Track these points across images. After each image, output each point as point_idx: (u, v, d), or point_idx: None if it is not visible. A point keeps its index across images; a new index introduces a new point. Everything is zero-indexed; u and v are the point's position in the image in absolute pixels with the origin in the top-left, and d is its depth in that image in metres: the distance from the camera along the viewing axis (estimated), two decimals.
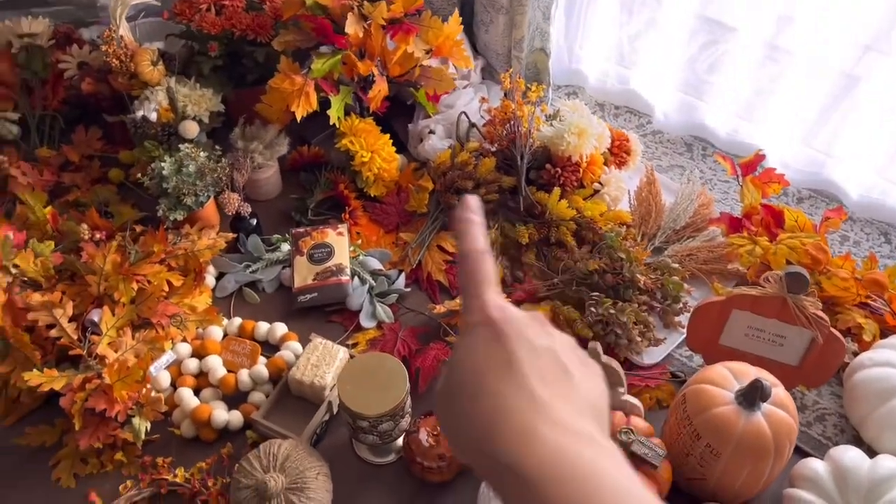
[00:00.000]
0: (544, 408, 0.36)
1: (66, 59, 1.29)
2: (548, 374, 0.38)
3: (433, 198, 1.20)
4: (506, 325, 0.39)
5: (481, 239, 0.43)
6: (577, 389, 0.39)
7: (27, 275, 1.01)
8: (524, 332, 0.39)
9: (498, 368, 0.38)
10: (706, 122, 1.33)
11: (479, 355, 0.39)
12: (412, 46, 1.15)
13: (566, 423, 0.36)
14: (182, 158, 1.11)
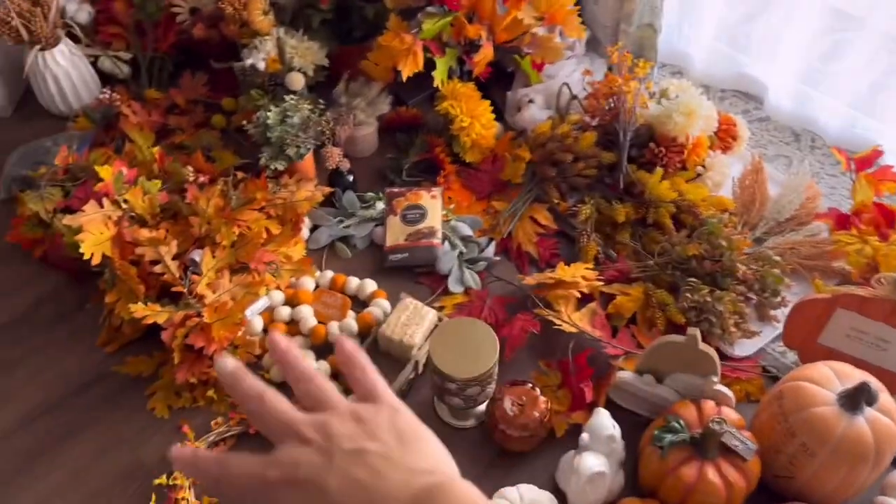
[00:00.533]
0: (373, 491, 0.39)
1: (178, 2, 1.31)
2: (358, 474, 0.39)
3: (529, 168, 1.19)
4: (291, 476, 0.40)
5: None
6: (390, 455, 0.40)
7: (135, 210, 1.04)
8: (309, 465, 0.40)
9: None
10: (819, 113, 1.28)
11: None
12: (523, 13, 1.13)
13: (403, 498, 0.38)
14: (287, 109, 1.12)
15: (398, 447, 0.41)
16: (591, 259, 1.08)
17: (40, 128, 1.28)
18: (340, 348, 0.48)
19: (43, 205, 1.08)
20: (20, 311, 1.06)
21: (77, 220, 0.99)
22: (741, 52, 1.35)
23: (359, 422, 0.42)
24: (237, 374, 0.45)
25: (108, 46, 1.33)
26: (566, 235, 1.15)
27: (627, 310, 1.02)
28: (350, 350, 0.48)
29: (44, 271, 1.10)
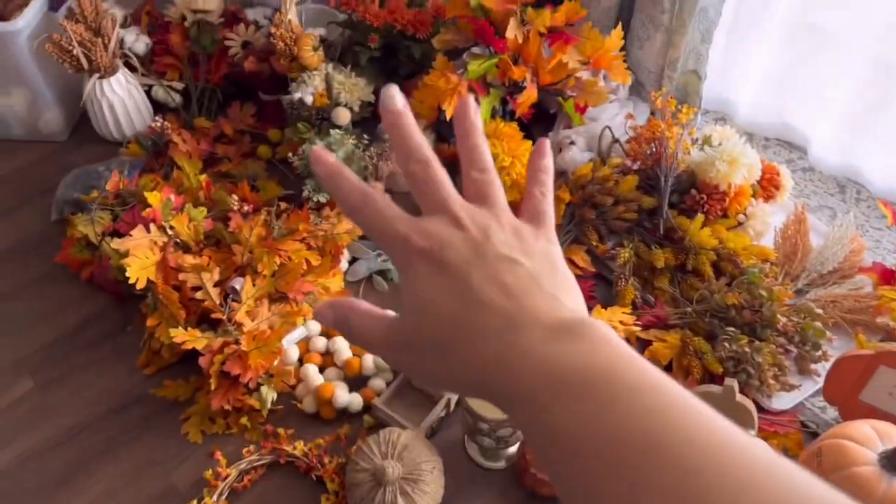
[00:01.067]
0: (518, 315, 0.34)
1: (231, 37, 1.36)
2: (506, 280, 0.35)
3: (568, 210, 1.19)
4: (441, 251, 0.36)
5: (359, 183, 0.39)
6: (540, 278, 0.36)
7: (180, 237, 1.07)
8: (460, 249, 0.36)
9: (453, 298, 0.35)
10: (864, 165, 1.26)
11: (428, 294, 0.36)
12: (568, 56, 1.15)
13: (543, 322, 0.34)
14: (331, 143, 1.15)
15: (550, 276, 0.36)
16: (628, 303, 1.08)
17: (93, 152, 1.32)
18: (540, 148, 0.44)
19: (93, 228, 1.11)
20: (66, 331, 1.08)
21: (124, 244, 1.01)
22: (786, 101, 1.34)
23: (518, 236, 0.38)
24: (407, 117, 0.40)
25: (163, 76, 1.37)
26: (604, 278, 1.14)
27: (664, 356, 1.01)
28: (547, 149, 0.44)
29: (90, 292, 1.13)
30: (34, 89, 1.26)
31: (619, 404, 0.31)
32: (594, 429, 0.31)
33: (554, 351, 0.33)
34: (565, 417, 0.31)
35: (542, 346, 0.33)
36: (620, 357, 0.33)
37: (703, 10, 1.24)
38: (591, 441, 0.31)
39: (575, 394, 0.32)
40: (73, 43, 1.19)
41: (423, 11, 1.22)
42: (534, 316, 0.34)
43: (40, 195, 1.26)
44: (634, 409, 0.31)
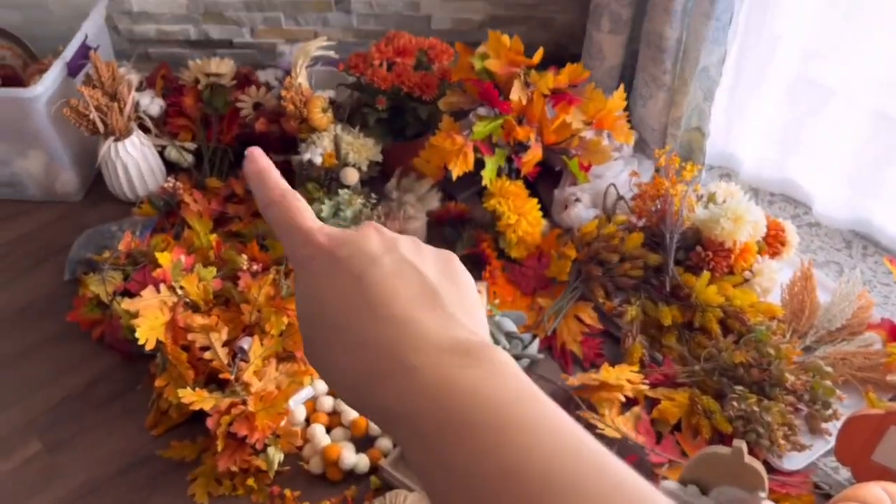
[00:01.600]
0: (409, 328, 0.31)
1: (243, 98, 1.39)
2: (401, 286, 0.33)
3: (574, 266, 1.19)
4: (341, 249, 0.34)
5: (281, 179, 0.38)
6: (440, 291, 0.33)
7: (189, 296, 1.08)
8: (364, 249, 0.34)
9: (344, 298, 0.33)
10: (871, 219, 1.27)
11: (325, 292, 0.34)
12: (572, 117, 1.17)
13: (439, 340, 0.31)
14: (340, 203, 1.16)
15: (451, 289, 0.34)
16: (636, 361, 1.08)
17: (107, 212, 1.35)
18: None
19: (104, 287, 1.12)
20: (76, 390, 1.09)
21: (135, 304, 1.03)
22: (789, 157, 1.36)
23: (417, 246, 0.36)
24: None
25: (176, 137, 1.41)
26: (611, 335, 1.14)
27: (672, 416, 1.01)
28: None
29: (100, 351, 1.13)
30: (51, 152, 1.30)
31: (504, 446, 0.28)
32: (473, 468, 0.28)
33: (442, 374, 0.30)
34: (445, 449, 0.29)
35: (430, 366, 0.30)
36: (517, 390, 0.30)
37: (704, 70, 1.26)
38: (469, 479, 0.28)
39: (458, 425, 0.29)
40: (89, 108, 1.22)
41: (429, 74, 1.25)
42: (428, 332, 0.32)
43: (55, 255, 1.28)
44: (519, 448, 0.28)
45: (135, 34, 1.57)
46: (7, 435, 1.04)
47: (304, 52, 1.26)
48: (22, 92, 1.20)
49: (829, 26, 1.21)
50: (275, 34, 1.57)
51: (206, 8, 1.53)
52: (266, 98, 1.40)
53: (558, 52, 1.56)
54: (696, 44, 1.21)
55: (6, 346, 1.15)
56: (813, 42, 1.24)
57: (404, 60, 1.27)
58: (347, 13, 1.52)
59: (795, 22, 1.22)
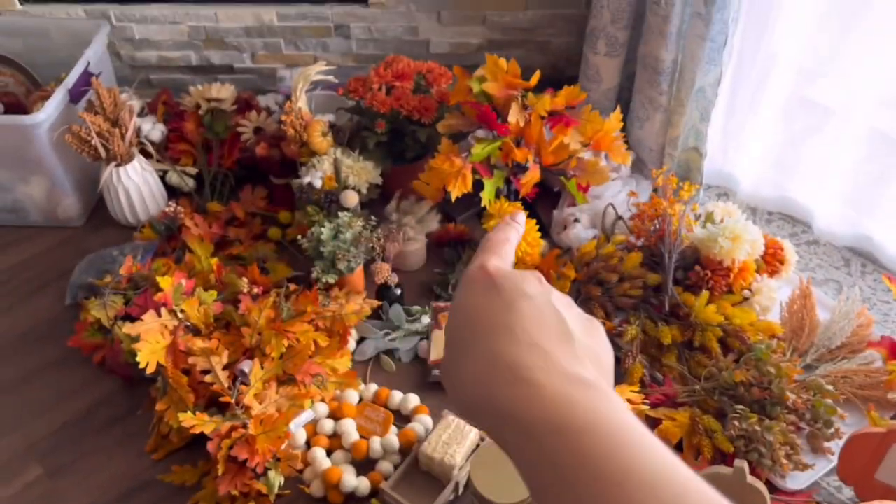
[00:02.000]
0: (542, 355, 0.35)
1: (244, 123, 1.40)
2: (546, 323, 0.37)
3: (574, 287, 1.20)
4: (502, 279, 0.39)
5: (513, 236, 0.45)
6: (577, 339, 0.37)
7: (190, 320, 1.09)
8: (521, 285, 0.39)
9: (494, 316, 0.38)
10: (869, 237, 1.27)
11: (476, 304, 0.39)
12: (569, 138, 1.18)
13: (566, 371, 0.35)
14: (340, 225, 1.17)
15: (588, 342, 0.39)
16: (636, 381, 1.08)
17: (108, 237, 1.35)
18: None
19: (105, 312, 1.13)
20: (77, 415, 1.09)
21: (136, 328, 1.03)
22: (787, 176, 1.37)
23: (569, 303, 0.41)
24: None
25: (177, 162, 1.42)
26: None
27: (674, 435, 1.00)
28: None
29: (101, 376, 1.14)
30: (53, 177, 1.31)
31: (612, 457, 0.32)
32: (580, 470, 0.32)
33: (565, 392, 0.34)
34: (559, 451, 0.32)
35: (555, 385, 0.34)
36: (628, 418, 0.34)
37: (701, 90, 1.28)
38: (576, 479, 0.32)
39: (574, 434, 0.33)
40: (91, 133, 1.23)
41: (428, 98, 1.27)
42: (557, 361, 0.36)
43: (56, 280, 1.28)
44: (628, 461, 0.32)
45: (136, 60, 1.59)
46: (8, 460, 1.04)
47: (303, 76, 1.27)
48: (24, 119, 1.21)
49: (825, 45, 1.23)
50: (275, 59, 1.59)
51: (208, 34, 1.55)
52: (266, 122, 1.41)
53: (555, 74, 1.59)
54: (691, 65, 1.22)
55: (7, 372, 1.15)
56: (809, 61, 1.26)
57: (403, 84, 1.28)
58: (347, 38, 1.54)
59: (791, 41, 1.24)
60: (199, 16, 1.51)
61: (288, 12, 1.50)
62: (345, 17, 1.51)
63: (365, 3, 1.50)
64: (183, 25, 1.53)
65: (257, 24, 1.52)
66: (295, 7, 1.50)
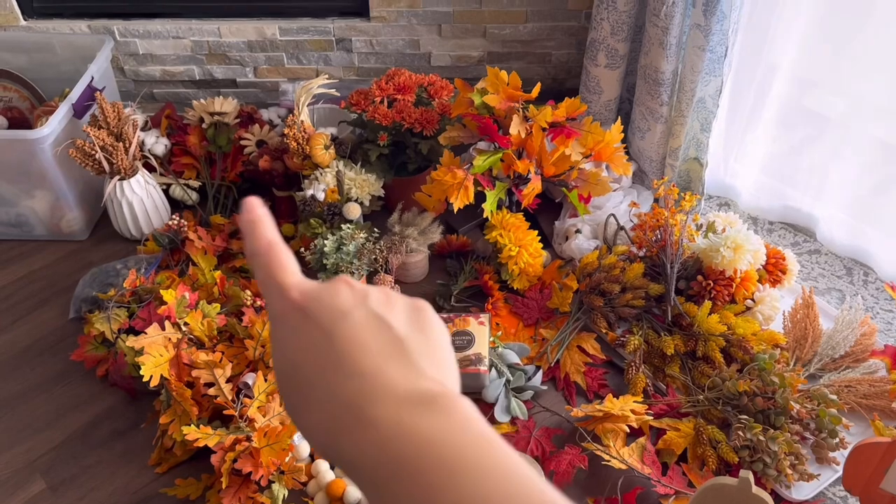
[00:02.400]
0: (374, 384, 0.33)
1: (247, 136, 1.41)
2: (370, 341, 0.34)
3: (576, 297, 1.20)
4: (312, 305, 0.35)
5: (271, 231, 0.38)
6: (407, 342, 0.35)
7: (194, 333, 1.09)
8: (334, 304, 0.35)
9: (317, 353, 0.34)
10: (870, 247, 1.27)
11: (295, 350, 0.35)
12: (570, 149, 1.18)
13: (401, 394, 0.32)
14: (343, 238, 1.17)
15: (419, 339, 0.36)
16: (640, 391, 1.07)
17: (112, 250, 1.36)
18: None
19: (109, 325, 1.13)
20: (79, 429, 1.09)
21: (139, 342, 1.03)
22: (787, 185, 1.37)
23: (388, 298, 0.37)
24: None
25: (180, 175, 1.42)
26: (614, 365, 1.14)
27: (678, 446, 1.00)
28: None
29: (103, 389, 1.14)
30: (57, 191, 1.31)
31: (457, 488, 0.29)
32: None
33: (400, 424, 0.31)
34: (398, 495, 0.30)
35: (388, 417, 0.32)
36: (474, 436, 0.31)
37: (701, 101, 1.28)
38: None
39: (412, 471, 0.30)
40: (95, 148, 1.24)
41: (430, 110, 1.27)
42: (391, 384, 0.33)
43: (60, 293, 1.29)
44: (473, 491, 0.29)
45: (140, 75, 1.60)
46: (11, 474, 1.03)
47: (306, 90, 1.28)
48: (28, 133, 1.21)
49: (825, 55, 1.23)
50: (277, 73, 1.60)
51: (211, 49, 1.56)
52: (269, 136, 1.42)
53: (555, 86, 1.59)
54: (691, 76, 1.23)
55: (11, 386, 1.15)
56: (808, 71, 1.26)
57: (405, 97, 1.29)
58: (349, 52, 1.55)
59: (790, 52, 1.24)
60: (202, 30, 1.52)
61: (290, 26, 1.51)
62: (346, 31, 1.52)
63: (367, 16, 1.51)
64: (186, 40, 1.54)
65: (260, 38, 1.53)
66: (297, 21, 1.51)
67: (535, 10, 1.48)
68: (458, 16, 1.49)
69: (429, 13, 1.49)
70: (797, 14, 1.20)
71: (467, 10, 1.48)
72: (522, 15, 1.49)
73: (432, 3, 1.47)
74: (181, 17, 1.53)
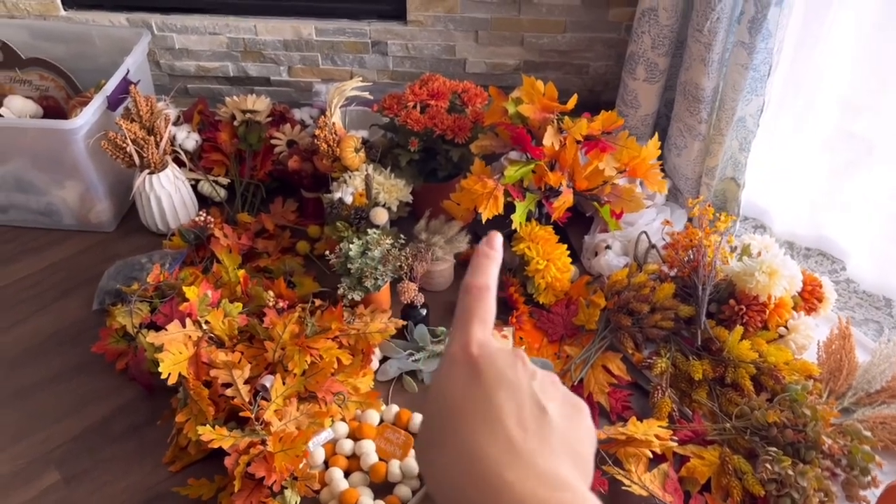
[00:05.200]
0: (518, 455, 0.35)
1: (278, 136, 1.41)
2: (526, 418, 0.37)
3: (603, 315, 1.17)
4: (485, 365, 0.38)
5: (492, 277, 0.42)
6: (556, 432, 0.37)
7: (214, 332, 1.08)
8: (504, 372, 0.38)
9: (473, 411, 0.37)
10: None
11: (455, 396, 0.38)
12: (604, 164, 1.16)
13: (540, 471, 0.35)
14: (369, 243, 1.16)
15: (567, 433, 0.38)
16: (664, 416, 1.04)
17: (138, 244, 1.36)
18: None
19: (130, 319, 1.13)
20: (95, 422, 1.09)
21: (160, 338, 1.02)
22: (824, 213, 1.33)
23: (554, 387, 0.40)
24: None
25: (209, 171, 1.42)
26: (639, 388, 1.12)
27: (702, 475, 0.97)
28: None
29: (122, 384, 1.13)
30: (87, 182, 1.32)
31: None
32: None
33: (535, 497, 0.33)
34: None
35: (526, 489, 0.34)
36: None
37: (741, 120, 1.25)
38: None
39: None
40: (126, 140, 1.24)
41: (463, 118, 1.26)
42: (532, 459, 0.35)
43: (85, 284, 1.29)
44: None
45: (175, 69, 1.60)
46: (27, 464, 1.03)
47: (339, 92, 1.27)
48: (63, 124, 1.22)
49: (872, 79, 1.20)
50: (311, 73, 1.59)
51: (246, 46, 1.56)
52: (300, 136, 1.41)
53: (591, 98, 1.57)
54: (733, 94, 1.20)
55: (32, 374, 1.15)
56: (854, 95, 1.22)
57: (438, 103, 1.27)
58: (384, 55, 1.54)
59: (836, 74, 1.21)
60: (238, 28, 1.52)
61: (326, 27, 1.51)
62: (383, 34, 1.51)
63: (404, 20, 1.50)
64: (222, 37, 1.54)
65: (296, 37, 1.53)
66: (334, 22, 1.51)
67: (575, 21, 1.46)
68: (496, 23, 1.48)
69: (466, 19, 1.47)
70: (845, 36, 1.16)
71: (505, 18, 1.47)
72: (561, 24, 1.47)
73: (470, 8, 1.46)
74: (218, 13, 1.53)
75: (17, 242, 1.38)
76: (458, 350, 0.39)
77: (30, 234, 1.39)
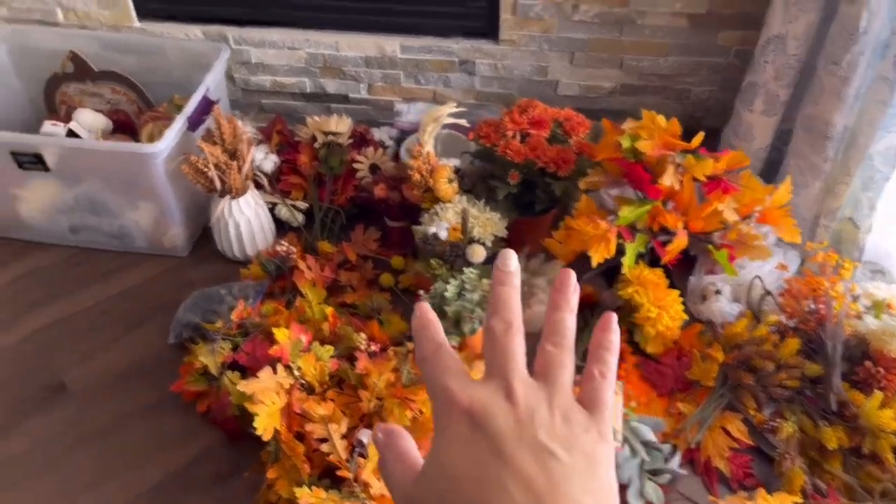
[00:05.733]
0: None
1: (360, 159, 1.33)
2: (534, 472, 0.33)
3: (721, 371, 1.08)
4: (478, 412, 0.35)
5: (439, 335, 0.39)
6: (570, 476, 0.33)
7: (305, 378, 1.01)
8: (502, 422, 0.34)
9: (480, 470, 0.33)
10: None
11: (455, 457, 0.34)
12: (724, 206, 1.06)
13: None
14: (465, 283, 1.08)
15: (584, 479, 0.34)
16: (796, 490, 0.95)
17: (212, 270, 1.29)
18: (605, 322, 0.41)
19: (213, 358, 1.06)
20: (177, 469, 1.02)
21: (251, 386, 0.95)
22: None
23: (567, 423, 0.35)
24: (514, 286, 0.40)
25: (287, 195, 1.35)
26: (761, 452, 1.02)
27: None
28: (613, 324, 0.41)
29: (202, 426, 1.07)
30: (163, 205, 1.25)
31: None
32: None
33: None
34: None
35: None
36: None
37: (869, 158, 1.15)
38: None
39: None
40: (208, 165, 1.17)
41: (567, 149, 1.17)
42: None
43: (158, 313, 1.22)
44: None
45: (250, 84, 1.54)
46: None
47: (433, 118, 1.19)
48: (144, 147, 1.15)
49: None
50: (392, 92, 1.51)
51: (326, 62, 1.48)
52: (382, 160, 1.33)
53: (691, 124, 1.47)
54: (868, 130, 1.10)
55: (106, 413, 1.09)
56: None
57: (539, 132, 1.18)
58: (470, 75, 1.46)
59: None
60: (319, 43, 1.45)
61: (412, 44, 1.43)
62: (471, 53, 1.43)
63: (495, 38, 1.41)
64: (301, 52, 1.47)
65: (379, 54, 1.45)
66: (420, 39, 1.42)
67: (680, 44, 1.36)
68: (594, 44, 1.38)
69: (562, 39, 1.38)
70: None
71: (605, 39, 1.37)
72: (665, 47, 1.37)
73: (567, 28, 1.37)
74: (299, 27, 1.45)
75: (88, 266, 1.32)
76: (444, 408, 0.36)
77: (101, 256, 1.33)
